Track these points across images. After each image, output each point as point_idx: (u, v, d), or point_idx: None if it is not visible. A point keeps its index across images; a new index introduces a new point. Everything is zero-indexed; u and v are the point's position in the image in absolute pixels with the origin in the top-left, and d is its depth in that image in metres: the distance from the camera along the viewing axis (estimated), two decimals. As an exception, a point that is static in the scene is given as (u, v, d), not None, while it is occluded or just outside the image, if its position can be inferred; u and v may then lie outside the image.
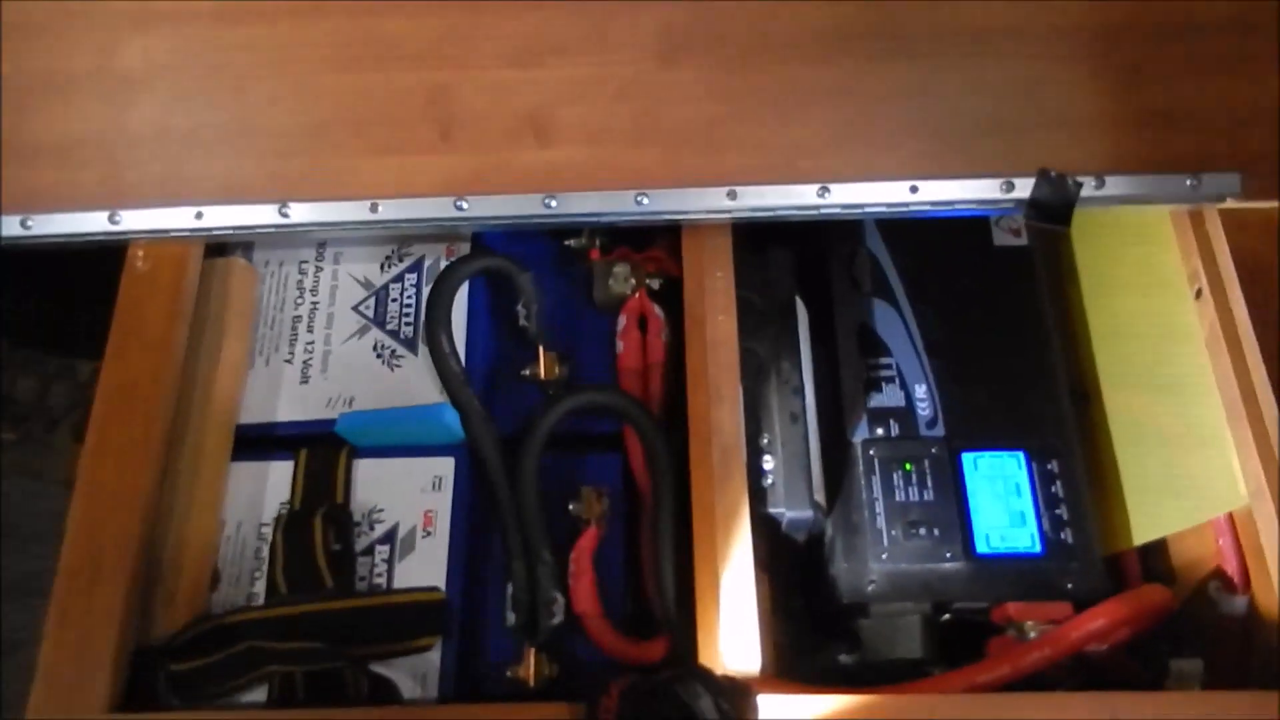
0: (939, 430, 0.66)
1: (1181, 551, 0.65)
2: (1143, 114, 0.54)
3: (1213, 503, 0.59)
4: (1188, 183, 0.54)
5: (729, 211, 0.56)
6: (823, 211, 0.56)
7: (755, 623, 0.51)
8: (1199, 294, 0.59)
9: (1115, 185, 0.55)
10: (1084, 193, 0.54)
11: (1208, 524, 0.60)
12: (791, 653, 0.64)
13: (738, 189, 0.55)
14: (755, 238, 0.67)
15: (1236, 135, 0.54)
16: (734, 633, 0.51)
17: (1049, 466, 0.65)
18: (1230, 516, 0.58)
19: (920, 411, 0.67)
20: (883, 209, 0.56)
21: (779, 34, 0.54)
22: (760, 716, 0.48)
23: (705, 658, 0.50)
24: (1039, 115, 0.54)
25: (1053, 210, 0.54)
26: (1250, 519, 0.56)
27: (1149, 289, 0.66)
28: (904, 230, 0.71)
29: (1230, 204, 0.56)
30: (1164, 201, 0.55)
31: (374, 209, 0.56)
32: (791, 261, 0.65)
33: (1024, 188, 0.55)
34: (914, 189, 0.55)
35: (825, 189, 0.55)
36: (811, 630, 0.66)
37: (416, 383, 0.61)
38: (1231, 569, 0.59)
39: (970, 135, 0.54)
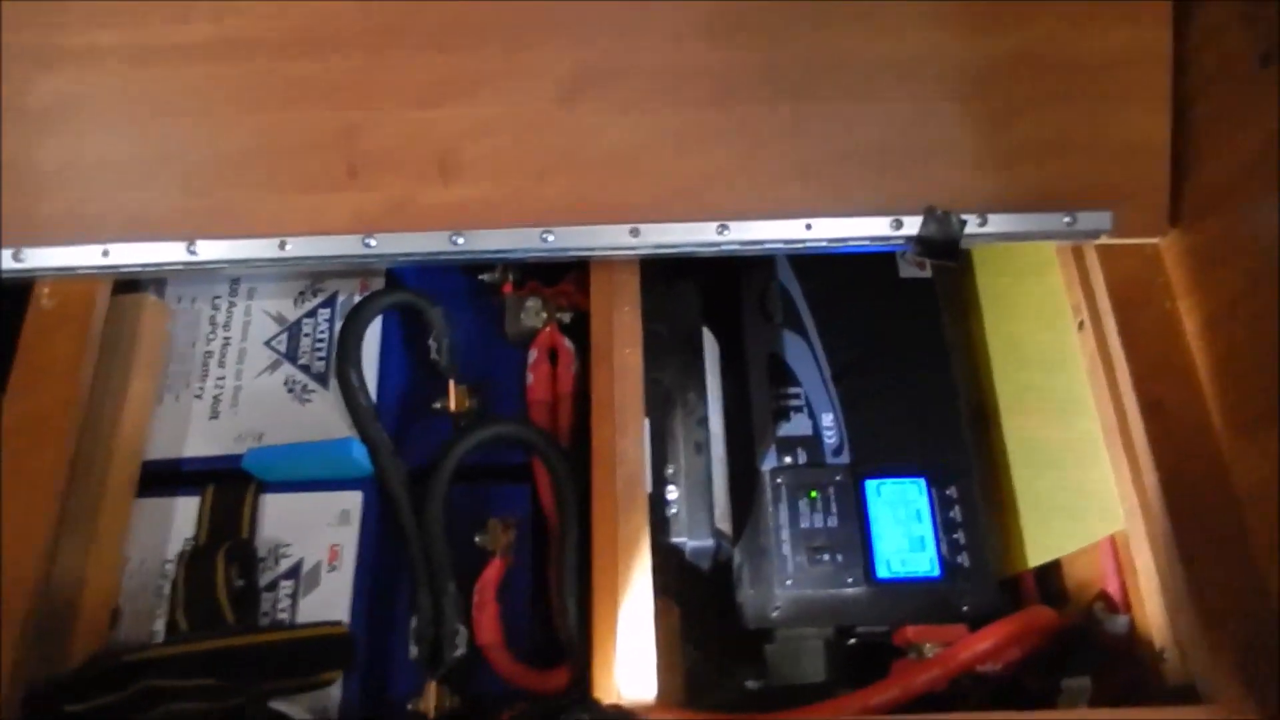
0: (844, 458, 0.68)
1: (1073, 573, 0.67)
2: (1021, 152, 0.57)
3: (1098, 525, 0.61)
4: (1064, 220, 0.57)
5: (632, 249, 0.58)
6: (723, 248, 0.58)
7: (652, 651, 0.52)
8: (1081, 325, 0.62)
9: (997, 223, 0.57)
10: (968, 230, 0.57)
11: (1095, 545, 0.63)
12: (701, 680, 0.65)
13: (640, 227, 0.57)
14: (668, 270, 0.69)
15: (1109, 173, 0.57)
16: (630, 661, 0.52)
17: (948, 492, 0.67)
18: (1112, 538, 0.61)
19: (827, 440, 0.69)
20: (780, 245, 0.58)
21: (677, 76, 0.56)
22: (654, 743, 0.49)
23: (601, 686, 0.51)
24: (924, 153, 0.57)
25: (940, 247, 0.57)
26: (1128, 540, 0.58)
27: (1042, 318, 0.69)
28: (814, 263, 0.73)
29: (1104, 240, 0.59)
30: (1043, 238, 0.58)
31: (282, 246, 0.56)
32: (698, 294, 0.67)
33: (912, 225, 0.58)
34: (809, 226, 0.57)
35: (724, 226, 0.57)
36: (722, 657, 0.68)
37: (327, 417, 0.61)
38: (1114, 589, 0.61)
39: (860, 173, 0.57)
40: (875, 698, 0.57)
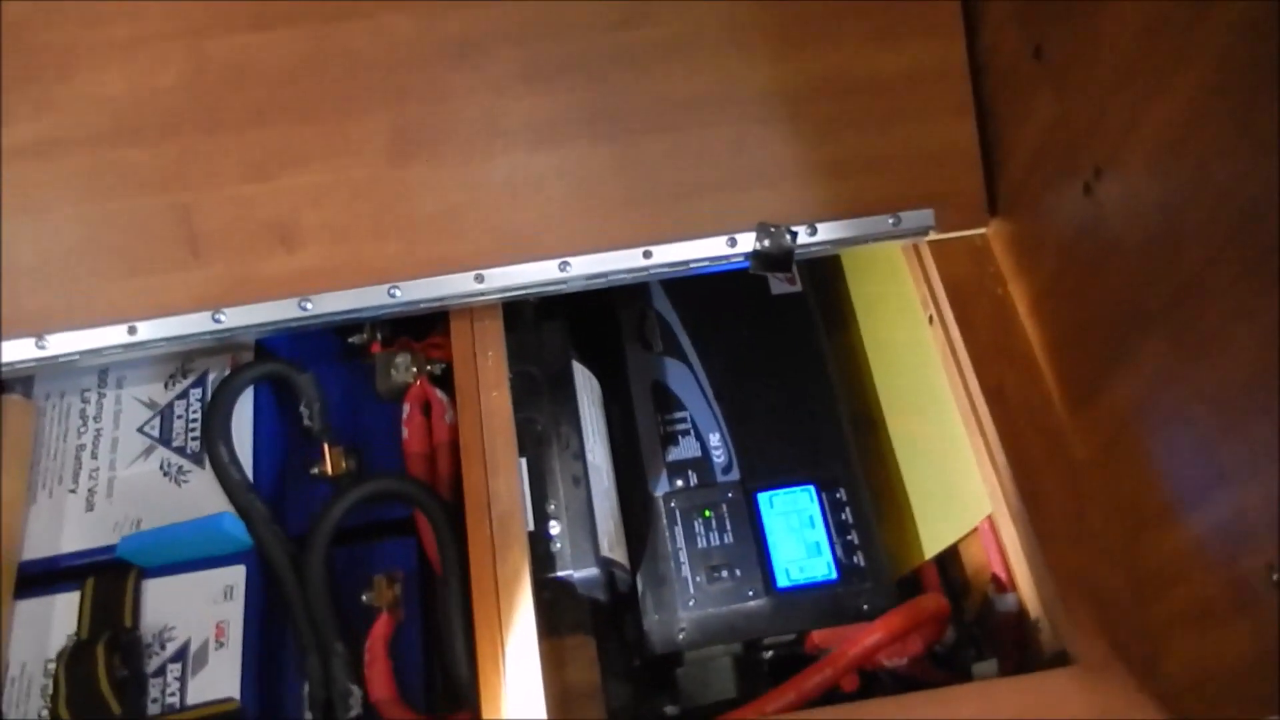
0: (734, 474, 0.70)
1: (969, 560, 0.68)
2: (841, 164, 0.59)
3: (973, 512, 0.63)
4: (889, 221, 0.60)
5: (479, 294, 0.59)
6: (568, 284, 0.60)
7: (539, 685, 0.53)
8: (931, 320, 0.64)
9: (826, 231, 0.60)
10: (800, 240, 0.59)
11: (979, 531, 0.64)
12: (628, 714, 0.65)
13: (484, 272, 0.58)
14: (539, 312, 0.70)
15: (926, 174, 0.60)
16: (518, 695, 0.52)
17: (837, 495, 0.69)
18: (991, 521, 0.63)
19: (716, 459, 0.70)
20: (624, 276, 0.60)
21: (502, 125, 0.58)
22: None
23: (490, 721, 0.52)
24: (750, 174, 0.59)
25: (775, 260, 0.59)
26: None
27: (905, 318, 0.71)
28: (688, 288, 0.75)
29: (933, 236, 0.61)
30: (873, 240, 0.60)
31: (132, 331, 0.57)
32: (565, 333, 0.69)
33: (747, 242, 0.60)
34: (648, 254, 0.59)
35: (566, 263, 0.59)
36: (647, 687, 0.68)
37: (205, 496, 0.61)
38: (1000, 570, 0.62)
39: (690, 199, 0.59)
40: (772, 705, 0.58)
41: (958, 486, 0.65)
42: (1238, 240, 0.41)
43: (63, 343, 0.57)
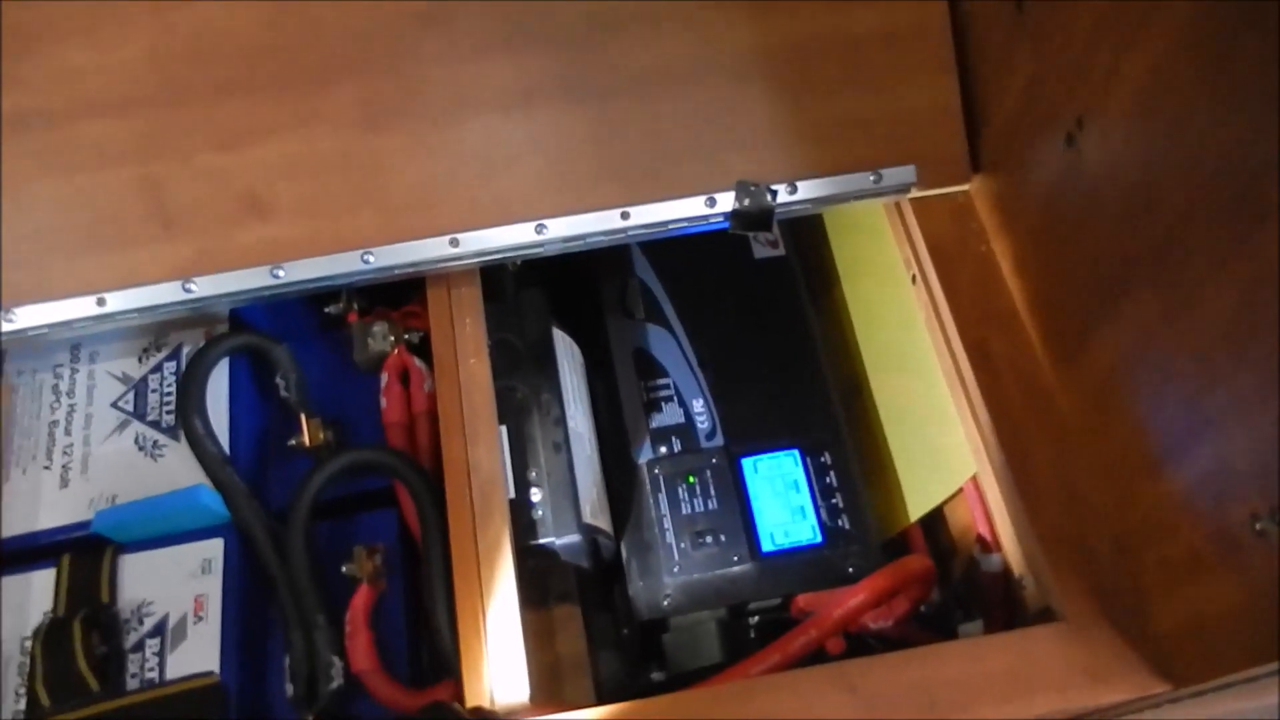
0: (718, 440, 0.69)
1: (955, 521, 0.68)
2: (822, 123, 0.58)
3: (957, 472, 0.62)
4: (870, 179, 0.59)
5: (455, 259, 0.58)
6: (545, 248, 0.59)
7: (521, 653, 0.52)
8: (914, 279, 0.63)
9: (807, 189, 0.59)
10: (780, 199, 0.58)
11: (964, 492, 0.64)
12: (615, 681, 0.65)
13: (459, 236, 0.57)
14: (519, 280, 0.69)
15: (907, 130, 0.59)
16: (501, 664, 0.52)
17: (822, 459, 0.68)
18: (975, 481, 0.62)
19: (699, 425, 0.70)
20: (601, 238, 0.59)
21: (474, 92, 0.57)
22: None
23: (473, 693, 0.51)
24: (728, 136, 0.58)
25: (754, 219, 0.58)
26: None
27: (889, 279, 0.70)
28: (670, 254, 0.75)
29: (915, 193, 0.60)
30: (854, 198, 0.60)
31: (101, 303, 0.56)
32: (545, 299, 0.68)
33: (726, 201, 0.59)
34: (625, 215, 0.58)
35: (542, 226, 0.58)
36: (635, 655, 0.68)
37: (181, 471, 0.60)
38: (985, 530, 0.62)
39: (667, 160, 0.58)
40: (756, 667, 0.58)
41: (942, 447, 0.64)
42: (1214, 190, 0.41)
43: (30, 315, 0.56)
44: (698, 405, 0.70)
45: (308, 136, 0.56)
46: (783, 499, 0.67)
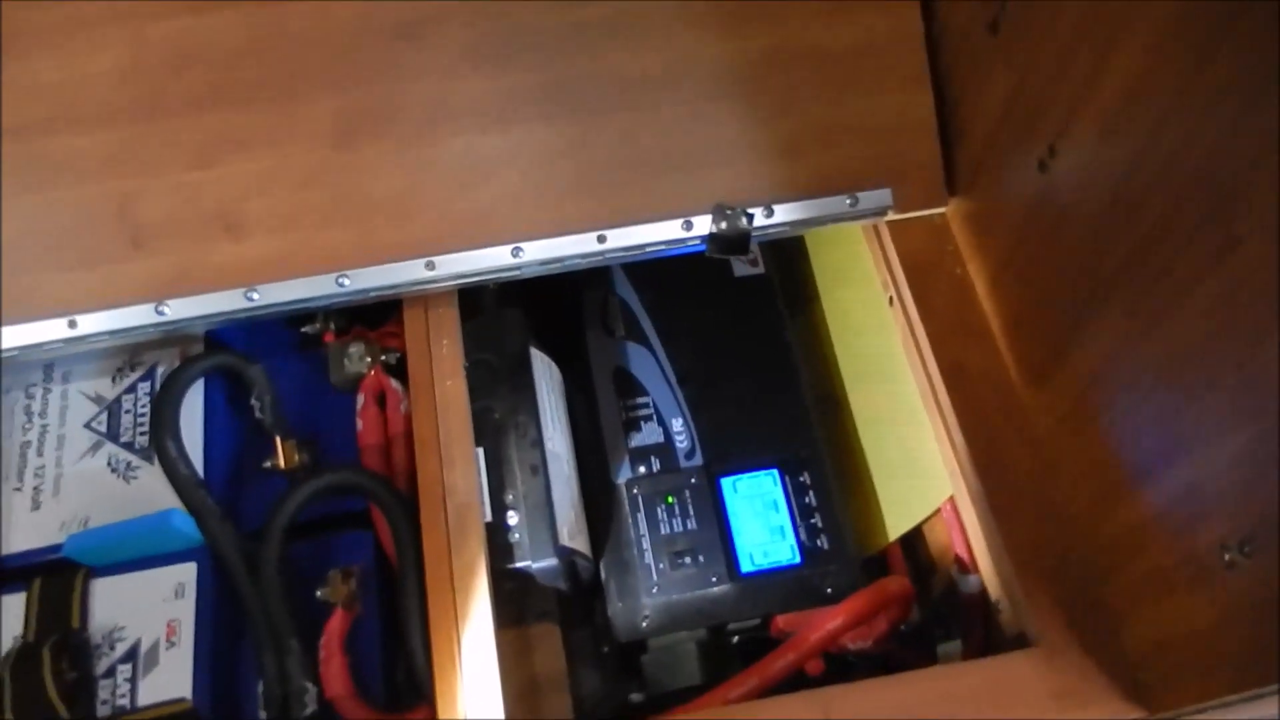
0: (697, 460, 0.69)
1: (934, 541, 0.68)
2: (796, 143, 0.59)
3: (935, 492, 0.63)
4: (847, 202, 0.59)
5: (431, 281, 0.58)
6: (522, 271, 0.59)
7: (496, 676, 0.52)
8: (891, 301, 0.64)
9: (783, 212, 0.59)
10: (756, 222, 0.58)
11: (943, 511, 0.64)
12: (594, 701, 0.65)
13: (435, 259, 0.57)
14: (497, 299, 0.69)
15: (883, 153, 0.59)
16: (475, 688, 0.51)
17: (801, 479, 0.68)
18: (953, 502, 0.62)
19: (679, 444, 0.70)
20: (579, 261, 0.59)
21: (450, 109, 0.57)
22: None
23: (446, 716, 0.51)
24: (704, 155, 0.58)
25: (731, 242, 0.58)
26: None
27: (867, 299, 0.70)
28: (650, 272, 0.75)
29: (892, 216, 0.61)
30: (831, 221, 0.60)
31: (73, 325, 0.56)
32: (523, 320, 0.68)
33: (703, 224, 0.59)
34: (602, 238, 0.58)
35: (519, 249, 0.57)
36: (614, 675, 0.67)
37: (155, 493, 0.60)
38: (963, 551, 0.62)
39: (645, 181, 0.58)
40: (735, 690, 0.57)
41: (921, 468, 0.65)
42: (1183, 214, 0.41)
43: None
44: (677, 424, 0.70)
45: (282, 152, 0.55)
46: (762, 519, 0.67)
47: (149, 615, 0.57)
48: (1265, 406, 0.37)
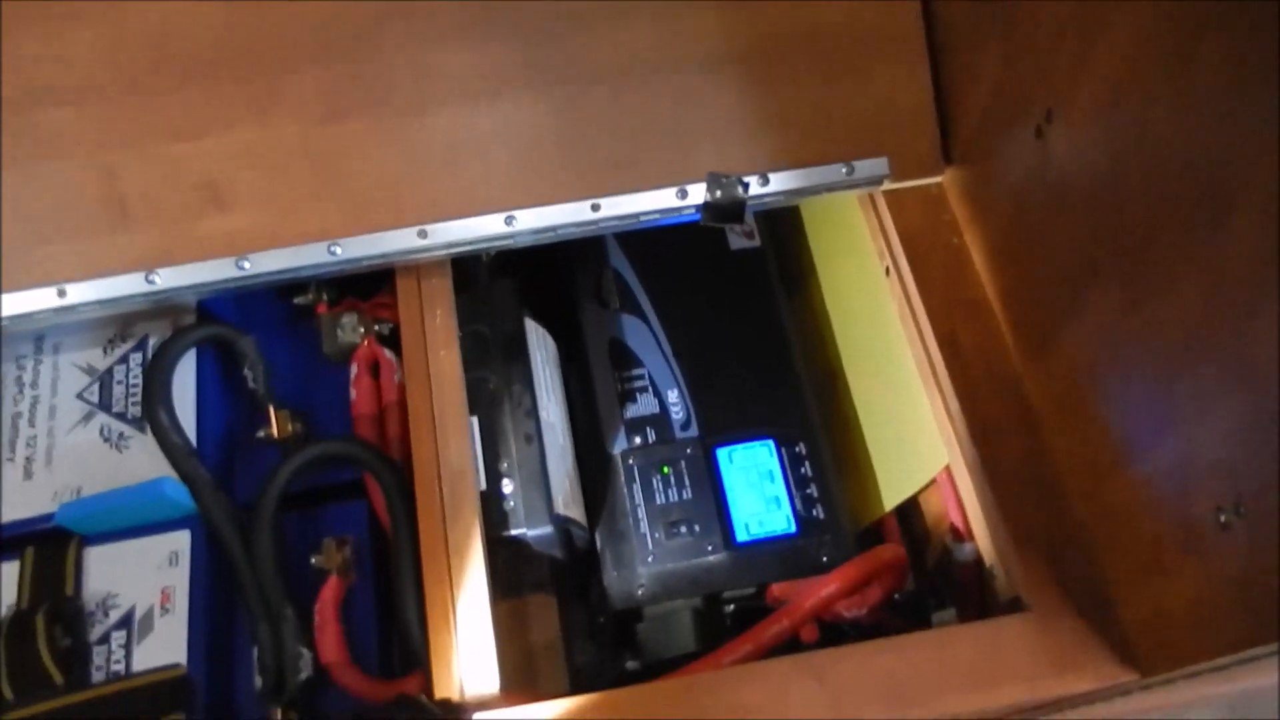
0: (693, 431, 0.69)
1: (929, 510, 0.68)
2: (792, 115, 0.58)
3: (931, 462, 0.62)
4: (843, 171, 0.58)
5: (423, 250, 0.57)
6: (515, 239, 0.58)
7: (492, 645, 0.52)
8: (888, 271, 0.63)
9: (779, 181, 0.58)
10: (752, 190, 0.58)
11: (938, 481, 0.64)
12: (590, 670, 0.65)
13: (427, 228, 0.57)
14: (491, 270, 0.69)
15: (879, 122, 0.59)
16: (471, 657, 0.51)
17: (797, 449, 0.68)
18: (949, 471, 0.62)
19: (674, 415, 0.70)
20: (572, 229, 0.58)
21: (439, 82, 0.56)
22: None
23: (442, 685, 0.51)
24: (698, 127, 0.58)
25: (726, 211, 0.58)
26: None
27: (863, 271, 0.70)
28: (645, 244, 0.74)
29: (888, 185, 0.60)
30: (826, 190, 0.59)
31: (62, 294, 0.55)
32: (517, 290, 0.67)
33: (697, 193, 0.58)
34: (596, 207, 0.57)
35: (511, 217, 0.57)
36: (606, 643, 0.67)
37: (147, 462, 0.60)
38: (958, 520, 0.62)
39: (637, 151, 0.57)
40: (728, 657, 0.58)
41: (916, 438, 0.64)
42: (1179, 186, 0.41)
43: (-14, 307, 0.55)
44: (672, 396, 0.70)
45: (268, 126, 0.55)
46: (757, 489, 0.67)
47: (143, 582, 0.57)
48: (1261, 375, 0.37)
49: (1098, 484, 0.51)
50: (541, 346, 0.67)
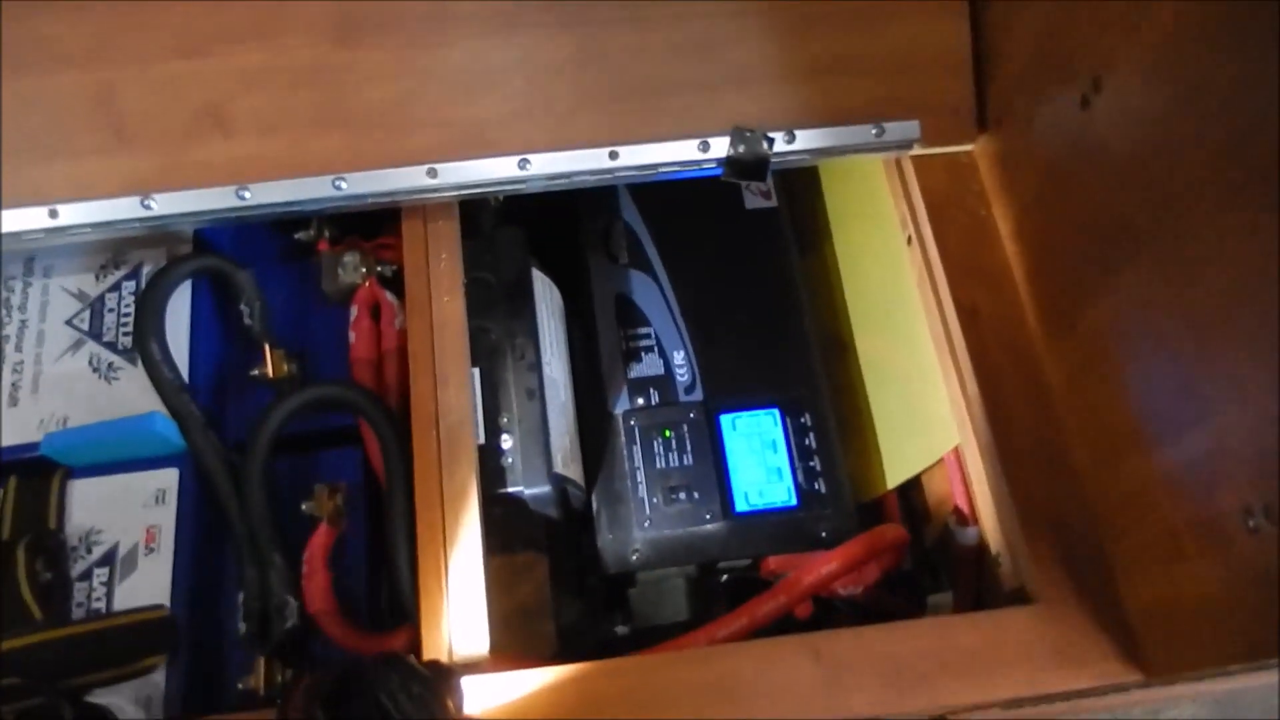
0: (698, 395, 0.67)
1: (932, 490, 0.67)
2: (822, 68, 0.55)
3: (940, 441, 0.61)
4: (872, 132, 0.56)
5: (432, 190, 0.55)
6: (528, 184, 0.56)
7: (483, 605, 0.51)
8: (910, 240, 0.61)
9: (805, 139, 0.56)
10: (776, 148, 0.55)
11: (944, 461, 0.62)
12: (576, 631, 0.64)
13: (437, 167, 0.54)
14: (497, 217, 0.66)
15: (913, 83, 0.56)
16: (461, 616, 0.50)
17: (802, 420, 0.67)
18: (957, 451, 0.61)
19: (679, 378, 0.68)
20: (588, 177, 0.56)
21: (456, 10, 0.53)
22: (485, 696, 0.48)
23: (431, 643, 0.50)
24: (723, 72, 0.55)
25: (749, 167, 0.55)
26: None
27: (882, 238, 0.68)
28: (658, 198, 0.72)
29: (918, 150, 0.58)
30: (853, 151, 0.57)
31: (53, 214, 0.53)
32: (524, 239, 0.65)
33: (720, 147, 0.56)
34: (614, 155, 0.55)
35: (526, 161, 0.55)
36: (601, 606, 0.66)
37: (137, 395, 0.58)
38: (963, 502, 0.61)
39: (660, 96, 0.55)
40: (723, 630, 0.56)
41: (926, 415, 0.63)
42: (1225, 161, 0.39)
43: (-24, 225, 0.53)
44: (679, 357, 0.68)
45: (276, 47, 0.52)
46: (759, 458, 0.65)
47: (128, 519, 0.56)
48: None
49: (1113, 470, 0.49)
50: (547, 298, 0.65)
